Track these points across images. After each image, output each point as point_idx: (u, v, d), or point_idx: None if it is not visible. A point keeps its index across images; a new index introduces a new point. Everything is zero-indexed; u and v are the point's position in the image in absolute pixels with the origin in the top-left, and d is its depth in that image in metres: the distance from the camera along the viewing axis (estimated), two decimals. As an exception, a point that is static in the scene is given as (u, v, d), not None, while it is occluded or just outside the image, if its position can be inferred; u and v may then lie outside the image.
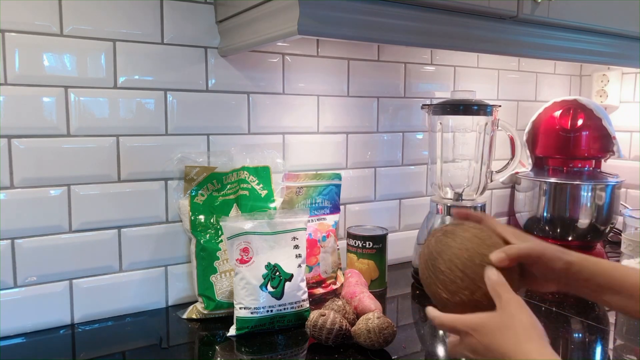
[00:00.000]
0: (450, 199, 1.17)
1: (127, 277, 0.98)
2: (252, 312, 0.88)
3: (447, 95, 1.30)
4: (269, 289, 0.89)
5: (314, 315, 0.85)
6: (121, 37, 0.94)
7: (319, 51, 1.16)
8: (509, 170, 1.24)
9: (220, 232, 0.97)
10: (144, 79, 0.97)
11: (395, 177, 1.32)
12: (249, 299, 0.89)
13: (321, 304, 0.95)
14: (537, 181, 1.32)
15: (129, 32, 0.94)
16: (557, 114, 1.35)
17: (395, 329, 0.83)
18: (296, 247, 0.94)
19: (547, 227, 1.30)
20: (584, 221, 1.26)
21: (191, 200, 1.00)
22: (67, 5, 0.88)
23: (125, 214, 0.97)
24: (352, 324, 0.86)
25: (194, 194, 1.00)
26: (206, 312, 0.95)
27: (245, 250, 0.90)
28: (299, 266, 0.93)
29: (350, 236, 1.14)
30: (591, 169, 1.35)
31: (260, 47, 0.97)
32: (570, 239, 1.28)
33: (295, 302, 0.91)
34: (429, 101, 1.33)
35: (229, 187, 1.03)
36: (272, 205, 1.03)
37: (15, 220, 0.88)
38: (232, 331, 0.89)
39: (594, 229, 1.26)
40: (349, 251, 1.14)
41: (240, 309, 0.89)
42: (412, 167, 1.35)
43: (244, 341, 0.87)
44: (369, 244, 1.11)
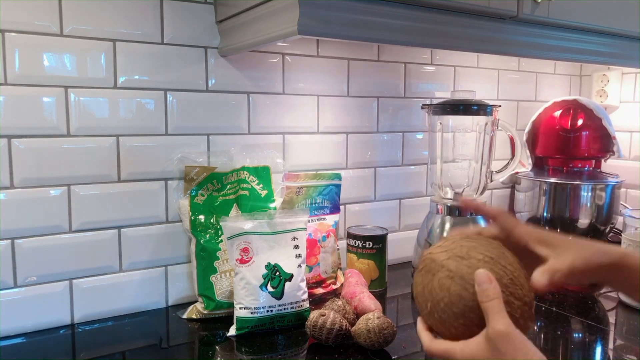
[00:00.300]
0: (450, 199, 1.17)
1: (127, 277, 0.99)
2: (252, 312, 0.88)
3: (447, 95, 1.30)
4: (269, 289, 0.89)
5: (314, 315, 0.85)
6: (121, 37, 0.94)
7: (319, 51, 1.16)
8: (509, 170, 1.24)
9: (220, 232, 0.97)
10: (144, 79, 0.97)
11: (395, 177, 1.32)
12: (249, 299, 0.89)
13: (321, 304, 0.95)
14: (537, 181, 1.32)
15: (129, 32, 0.94)
16: (557, 114, 1.35)
17: (395, 329, 0.83)
18: (296, 247, 0.94)
19: (547, 227, 1.30)
20: (584, 221, 1.26)
21: (191, 200, 1.00)
22: (67, 5, 0.88)
23: (125, 214, 0.97)
24: (352, 324, 0.86)
25: (194, 194, 1.00)
26: (206, 312, 0.95)
27: (245, 250, 0.90)
28: (299, 266, 0.93)
29: (350, 236, 1.14)
30: (591, 169, 1.35)
31: (260, 47, 0.97)
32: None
33: (295, 302, 0.91)
34: (429, 101, 1.33)
35: (229, 187, 1.03)
36: (272, 205, 1.03)
37: (15, 220, 0.88)
38: (232, 331, 0.89)
39: (594, 229, 1.26)
40: (349, 251, 1.14)
41: (240, 309, 0.89)
42: (412, 167, 1.35)
43: (244, 341, 0.87)
44: (369, 244, 1.11)
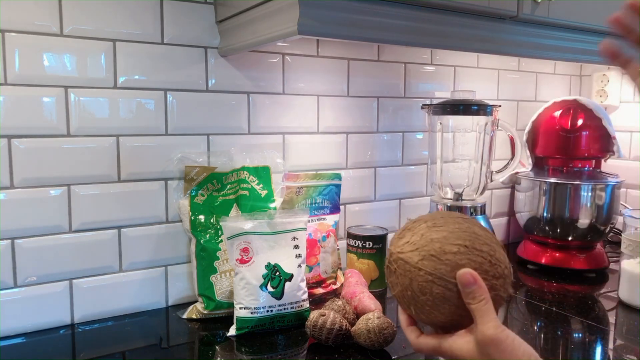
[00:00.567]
0: (450, 199, 1.17)
1: (127, 277, 0.98)
2: (252, 312, 0.88)
3: (447, 95, 1.30)
4: (269, 289, 0.89)
5: (314, 315, 0.85)
6: (121, 37, 0.94)
7: (319, 51, 1.16)
8: (509, 170, 1.24)
9: (220, 232, 0.97)
10: (144, 79, 0.97)
11: (395, 177, 1.32)
12: (249, 299, 0.89)
13: (321, 304, 0.95)
14: (537, 181, 1.32)
15: (129, 32, 0.94)
16: (557, 114, 1.35)
17: (395, 329, 0.83)
18: (296, 247, 0.94)
19: (547, 227, 1.30)
20: (584, 221, 1.26)
21: (191, 200, 1.00)
22: (67, 5, 0.88)
23: (125, 214, 0.97)
24: (352, 324, 0.86)
25: (194, 194, 1.00)
26: (206, 312, 0.95)
27: (245, 250, 0.90)
28: (299, 266, 0.93)
29: (350, 236, 1.14)
30: (591, 169, 1.35)
31: (260, 47, 0.97)
32: (570, 239, 1.28)
33: (295, 302, 0.91)
34: (429, 101, 1.33)
35: (229, 187, 1.03)
36: (272, 205, 1.03)
37: (15, 220, 0.88)
38: (232, 331, 0.89)
39: (594, 229, 1.26)
40: (349, 251, 1.14)
41: (240, 309, 0.89)
42: (412, 167, 1.35)
43: (244, 341, 0.87)
44: (369, 244, 1.11)
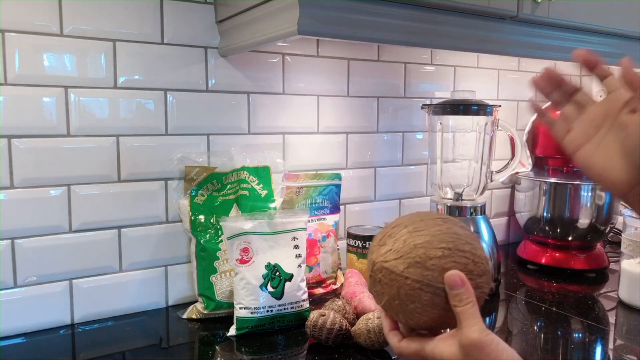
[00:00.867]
0: (450, 199, 1.17)
1: (127, 277, 0.98)
2: (252, 312, 0.88)
3: (447, 95, 1.30)
4: (269, 289, 0.89)
5: (314, 315, 0.85)
6: (121, 37, 0.94)
7: (319, 51, 1.16)
8: (509, 170, 1.24)
9: (220, 232, 0.97)
10: (144, 79, 0.97)
11: (395, 177, 1.32)
12: (249, 299, 0.89)
13: (321, 304, 0.95)
14: (537, 181, 1.32)
15: (129, 32, 0.94)
16: (558, 113, 1.35)
17: (395, 329, 0.83)
18: (296, 247, 0.94)
19: (547, 227, 1.30)
20: (584, 221, 1.26)
21: (191, 200, 1.00)
22: (67, 5, 0.88)
23: (125, 214, 0.97)
24: (352, 324, 0.86)
25: (194, 194, 1.00)
26: (206, 312, 0.95)
27: (245, 250, 0.90)
28: (299, 266, 0.93)
29: (350, 236, 1.14)
30: (591, 169, 1.35)
31: (260, 47, 0.97)
32: (570, 239, 1.28)
33: (295, 302, 0.91)
34: (429, 101, 1.33)
35: (229, 187, 1.03)
36: (272, 205, 1.03)
37: (15, 220, 0.88)
38: (232, 331, 0.89)
39: (594, 229, 1.26)
40: (349, 251, 1.14)
41: (240, 309, 0.89)
42: (412, 167, 1.35)
43: (244, 341, 0.87)
44: (369, 244, 1.10)
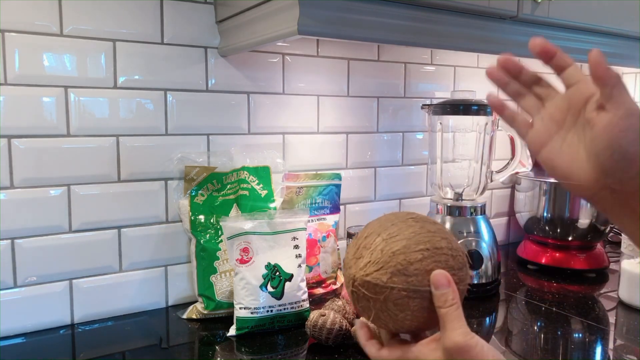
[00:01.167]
0: (450, 199, 1.17)
1: (127, 277, 0.98)
2: (252, 312, 0.88)
3: (447, 95, 1.30)
4: (269, 289, 0.89)
5: (314, 315, 0.85)
6: (121, 37, 0.94)
7: (319, 51, 1.16)
8: (509, 170, 1.24)
9: (220, 232, 0.97)
10: (144, 79, 0.97)
11: (395, 177, 1.32)
12: (249, 299, 0.89)
13: (321, 304, 0.95)
14: (537, 181, 1.32)
15: (129, 32, 0.94)
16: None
17: (395, 329, 0.83)
18: (296, 247, 0.94)
19: (547, 227, 1.30)
20: (584, 221, 1.26)
21: (191, 200, 1.00)
22: (67, 5, 0.88)
23: (125, 214, 0.97)
24: (352, 324, 0.86)
25: (194, 194, 1.00)
26: (206, 312, 0.95)
27: (245, 250, 0.90)
28: (299, 266, 0.93)
29: (350, 236, 1.14)
30: (591, 168, 1.35)
31: (260, 47, 0.97)
32: (570, 239, 1.28)
33: (295, 302, 0.91)
34: (429, 101, 1.33)
35: (229, 187, 1.03)
36: (272, 205, 1.03)
37: (15, 220, 0.88)
38: (232, 331, 0.89)
39: (594, 229, 1.26)
40: (349, 251, 1.14)
41: (240, 309, 0.89)
42: (412, 167, 1.35)
43: (244, 341, 0.87)
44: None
